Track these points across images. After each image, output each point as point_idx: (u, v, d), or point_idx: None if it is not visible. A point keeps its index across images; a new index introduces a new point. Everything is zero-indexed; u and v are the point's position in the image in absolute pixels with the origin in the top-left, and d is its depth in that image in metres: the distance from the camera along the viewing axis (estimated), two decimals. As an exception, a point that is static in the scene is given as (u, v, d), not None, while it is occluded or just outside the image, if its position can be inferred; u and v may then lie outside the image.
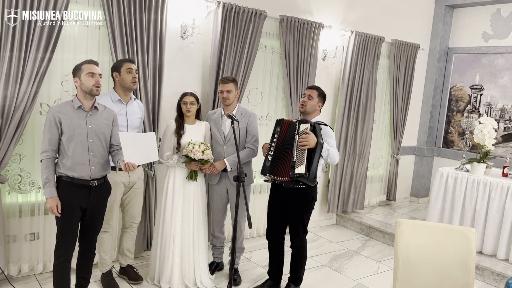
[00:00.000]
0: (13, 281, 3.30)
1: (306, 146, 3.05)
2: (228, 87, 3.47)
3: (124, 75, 3.21)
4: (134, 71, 3.24)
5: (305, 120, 3.19)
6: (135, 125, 3.34)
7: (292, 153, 3.11)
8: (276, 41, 4.62)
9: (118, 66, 3.24)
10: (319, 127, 3.13)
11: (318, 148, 3.08)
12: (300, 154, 3.09)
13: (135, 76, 3.25)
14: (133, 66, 3.25)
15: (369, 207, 5.94)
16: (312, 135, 3.06)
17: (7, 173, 3.29)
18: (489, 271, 4.08)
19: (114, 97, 3.25)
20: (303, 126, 3.12)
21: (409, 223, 2.43)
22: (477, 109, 6.04)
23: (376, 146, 5.88)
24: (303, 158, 3.07)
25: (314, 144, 3.05)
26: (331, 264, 4.25)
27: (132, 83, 3.24)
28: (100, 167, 2.82)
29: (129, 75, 3.21)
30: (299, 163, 3.08)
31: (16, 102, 3.11)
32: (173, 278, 3.39)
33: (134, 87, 3.27)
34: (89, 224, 2.88)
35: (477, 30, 6.03)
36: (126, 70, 3.21)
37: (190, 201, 3.41)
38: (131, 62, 3.26)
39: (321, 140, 3.09)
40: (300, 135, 3.09)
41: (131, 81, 3.23)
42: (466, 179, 4.55)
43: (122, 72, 3.21)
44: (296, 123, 3.16)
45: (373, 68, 5.36)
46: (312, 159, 3.08)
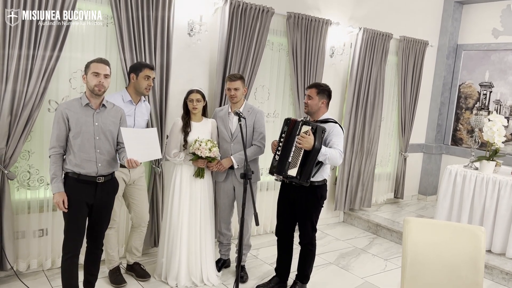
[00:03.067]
0: (22, 277, 3.33)
1: (301, 146, 3.04)
2: (236, 85, 3.46)
3: (141, 80, 3.23)
4: (151, 79, 3.26)
5: (308, 122, 3.15)
6: (141, 126, 3.36)
7: (290, 153, 3.12)
8: (284, 38, 4.61)
9: (138, 70, 3.25)
10: (321, 129, 3.07)
11: (314, 153, 3.05)
12: (296, 156, 3.11)
13: (151, 84, 3.28)
14: (152, 73, 3.27)
15: (377, 205, 5.91)
16: (310, 138, 3.02)
17: (16, 169, 3.31)
18: (498, 270, 4.04)
19: (125, 97, 3.26)
20: (304, 128, 3.10)
21: (417, 221, 2.42)
22: (487, 107, 5.97)
23: (384, 143, 5.85)
24: (297, 160, 3.10)
25: (310, 146, 3.02)
26: (338, 262, 4.23)
27: (146, 90, 3.26)
28: (106, 164, 2.83)
29: (145, 82, 3.24)
30: (293, 165, 3.11)
31: (25, 100, 3.13)
32: (180, 275, 3.40)
33: (146, 93, 3.31)
34: (96, 221, 2.90)
35: (487, 27, 5.96)
36: (144, 76, 3.23)
37: (197, 198, 3.42)
38: (151, 69, 3.28)
39: (319, 145, 3.04)
40: (300, 135, 3.08)
41: (145, 88, 3.25)
42: (475, 177, 4.51)
43: (139, 76, 3.23)
44: (299, 124, 3.14)
45: (381, 65, 5.32)
46: (306, 162, 3.07)
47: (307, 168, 3.07)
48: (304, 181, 3.09)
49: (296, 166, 3.09)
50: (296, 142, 3.07)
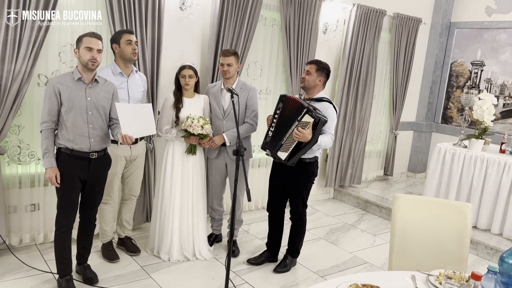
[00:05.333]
0: (15, 251, 3.35)
1: (297, 139, 3.05)
2: (229, 60, 3.43)
3: (123, 47, 3.16)
4: (133, 43, 3.19)
5: (311, 111, 3.02)
6: (137, 98, 3.32)
7: (285, 136, 3.13)
8: (277, 13, 4.55)
9: (117, 38, 3.19)
10: (322, 123, 3.04)
11: (310, 144, 3.06)
12: (289, 141, 3.13)
13: (135, 48, 3.21)
14: (133, 37, 3.20)
15: (367, 181, 5.99)
16: (308, 132, 3.00)
17: (6, 144, 3.29)
18: (483, 245, 4.16)
19: (115, 70, 3.21)
20: (307, 118, 3.03)
21: (406, 198, 2.46)
22: (477, 85, 6.01)
23: (375, 121, 5.88)
24: (290, 146, 3.12)
25: (306, 141, 3.04)
26: (327, 237, 4.31)
27: (132, 55, 3.19)
28: (99, 139, 2.82)
29: (128, 47, 3.17)
30: (284, 149, 3.15)
31: (14, 73, 3.08)
32: (173, 249, 3.44)
33: (134, 58, 3.23)
34: (89, 196, 2.91)
35: (481, 4, 5.93)
36: (126, 41, 3.16)
37: (189, 174, 3.43)
38: (130, 33, 3.21)
39: (316, 139, 3.04)
40: (300, 124, 3.06)
41: (131, 53, 3.18)
42: (463, 155, 4.57)
43: (121, 43, 3.17)
44: (304, 109, 3.04)
45: (374, 42, 5.30)
46: (297, 152, 3.11)
47: (297, 156, 3.13)
48: (291, 164, 3.17)
49: (287, 151, 3.13)
50: (294, 132, 3.05)
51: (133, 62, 3.29)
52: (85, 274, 3.07)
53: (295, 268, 3.58)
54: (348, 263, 3.80)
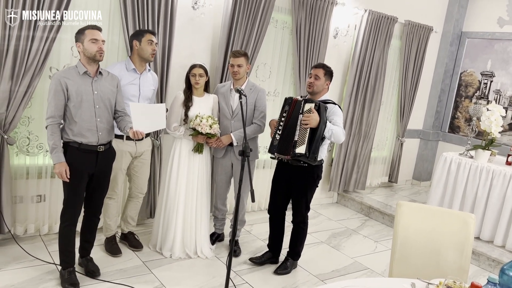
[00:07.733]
0: (19, 241, 3.38)
1: (308, 125, 3.05)
2: (239, 61, 3.45)
3: (144, 45, 3.20)
4: (154, 44, 3.23)
5: (310, 99, 3.17)
6: (147, 96, 3.35)
7: (295, 132, 3.12)
8: (288, 16, 4.56)
9: (140, 35, 3.22)
10: (324, 106, 3.11)
11: (321, 128, 3.07)
12: (302, 134, 3.10)
13: (154, 49, 3.24)
14: (154, 38, 3.24)
15: (371, 187, 5.99)
16: (315, 114, 3.05)
17: (15, 135, 3.33)
18: (485, 257, 4.14)
19: (129, 66, 3.25)
20: (307, 106, 3.11)
21: (410, 206, 2.46)
22: (486, 96, 5.99)
23: (381, 127, 5.88)
24: (304, 138, 3.09)
25: (316, 123, 3.05)
26: (329, 241, 4.32)
27: (151, 55, 3.24)
28: (106, 132, 2.85)
29: (149, 47, 3.21)
30: (300, 143, 3.11)
31: (26, 65, 3.12)
32: (175, 246, 3.47)
33: (151, 59, 3.28)
34: (95, 189, 2.93)
35: (493, 15, 5.91)
36: (147, 41, 3.20)
37: (194, 173, 3.45)
38: (153, 34, 3.25)
39: (325, 119, 3.07)
40: (304, 114, 3.09)
41: (150, 53, 3.22)
42: (469, 165, 4.56)
43: (142, 42, 3.20)
44: (302, 102, 3.14)
45: (384, 48, 5.30)
46: (313, 139, 3.09)
47: (315, 144, 3.10)
48: (313, 159, 3.13)
49: (304, 143, 3.09)
50: (302, 121, 3.08)
51: (148, 62, 3.33)
52: (88, 267, 3.10)
53: (296, 270, 3.59)
54: (348, 268, 3.80)
